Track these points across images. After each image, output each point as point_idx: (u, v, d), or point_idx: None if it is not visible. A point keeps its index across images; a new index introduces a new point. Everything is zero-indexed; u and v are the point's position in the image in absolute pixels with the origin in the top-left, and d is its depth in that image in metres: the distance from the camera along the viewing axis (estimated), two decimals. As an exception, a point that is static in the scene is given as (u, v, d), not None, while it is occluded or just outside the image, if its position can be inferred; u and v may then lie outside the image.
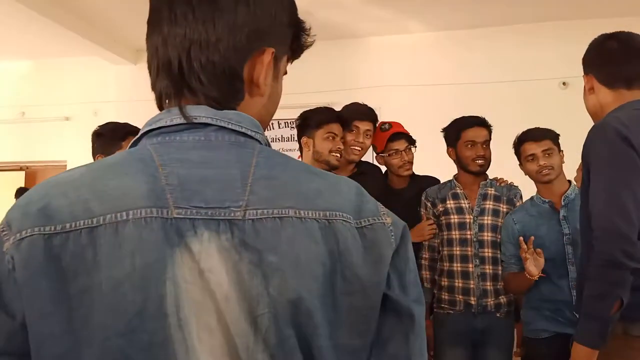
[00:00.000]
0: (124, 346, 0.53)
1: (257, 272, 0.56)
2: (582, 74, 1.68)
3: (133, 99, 5.40)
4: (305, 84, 5.16)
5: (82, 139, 4.98)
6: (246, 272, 0.55)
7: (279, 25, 0.67)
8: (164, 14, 0.63)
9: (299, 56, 0.74)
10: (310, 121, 2.37)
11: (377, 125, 2.57)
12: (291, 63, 0.74)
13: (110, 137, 2.11)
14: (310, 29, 0.72)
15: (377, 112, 2.56)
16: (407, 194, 2.59)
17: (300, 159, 2.46)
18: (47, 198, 0.57)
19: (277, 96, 0.71)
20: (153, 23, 0.65)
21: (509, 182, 2.52)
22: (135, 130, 2.13)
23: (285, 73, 0.72)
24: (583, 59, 1.67)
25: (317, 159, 2.29)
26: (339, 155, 2.31)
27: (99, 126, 2.20)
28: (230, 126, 0.62)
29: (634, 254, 1.38)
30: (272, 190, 0.59)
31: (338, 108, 2.54)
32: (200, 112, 0.62)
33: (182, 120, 0.61)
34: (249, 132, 0.63)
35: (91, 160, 2.72)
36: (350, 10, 4.52)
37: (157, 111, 0.66)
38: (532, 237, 2.13)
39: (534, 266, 2.10)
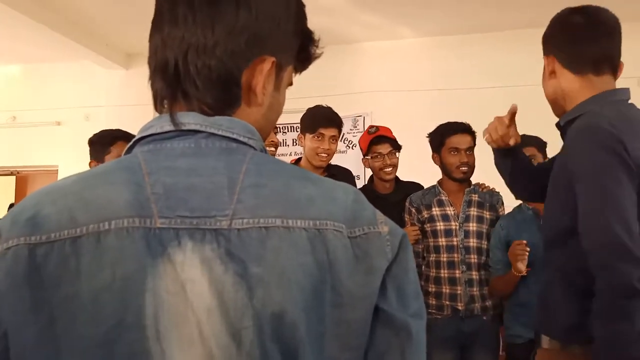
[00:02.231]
0: (103, 357, 0.53)
1: (242, 284, 0.54)
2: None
3: (124, 103, 5.41)
4: (295, 89, 5.16)
5: (74, 143, 5.00)
6: (231, 283, 0.54)
7: (283, 34, 0.65)
8: (165, 15, 0.62)
9: (307, 67, 0.72)
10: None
11: (340, 129, 2.57)
12: (299, 74, 0.72)
13: (99, 144, 2.14)
14: (319, 40, 0.71)
15: (368, 116, 2.56)
16: (392, 199, 2.60)
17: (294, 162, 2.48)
18: (38, 206, 0.57)
19: (279, 106, 0.70)
20: (156, 24, 0.64)
21: (490, 188, 2.55)
22: (124, 135, 2.14)
23: (291, 84, 0.71)
24: (543, 36, 1.42)
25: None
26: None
27: (93, 134, 2.24)
28: (220, 132, 0.60)
29: None
30: (260, 198, 0.57)
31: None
32: (190, 119, 0.61)
33: (172, 127, 0.60)
34: (240, 138, 0.61)
35: (82, 165, 2.73)
36: (341, 16, 4.54)
37: (148, 116, 0.66)
38: (525, 242, 2.15)
39: (523, 264, 2.14)
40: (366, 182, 2.79)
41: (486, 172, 2.62)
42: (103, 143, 2.13)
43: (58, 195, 0.57)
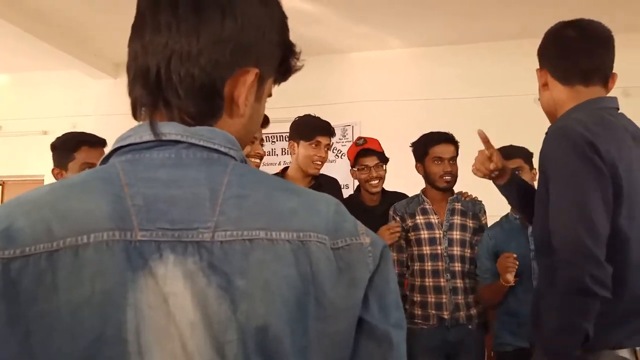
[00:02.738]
0: None
1: (225, 297, 0.53)
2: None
3: (113, 112, 5.37)
4: (284, 99, 5.17)
5: (60, 153, 4.96)
6: (214, 297, 0.53)
7: (267, 45, 0.65)
8: (148, 20, 0.61)
9: (287, 79, 0.72)
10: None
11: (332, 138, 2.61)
12: (278, 85, 0.72)
13: (62, 149, 1.97)
14: (300, 52, 0.70)
15: (357, 126, 2.57)
16: (378, 211, 2.61)
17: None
18: (10, 219, 0.54)
19: (259, 117, 0.69)
20: (137, 28, 0.63)
21: (473, 197, 2.56)
22: (88, 140, 1.99)
23: (270, 95, 0.70)
24: (538, 50, 1.47)
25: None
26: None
27: (55, 139, 2.06)
28: (201, 143, 0.59)
29: (606, 280, 1.17)
30: (243, 210, 0.57)
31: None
32: (170, 129, 0.60)
33: (152, 137, 0.59)
34: (222, 149, 0.60)
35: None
36: (329, 26, 4.57)
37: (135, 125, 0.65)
38: (514, 255, 2.16)
39: (512, 275, 2.15)
40: (353, 192, 2.80)
41: (468, 181, 2.66)
42: (66, 148, 1.96)
43: (31, 206, 0.55)
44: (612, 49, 1.38)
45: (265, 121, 2.07)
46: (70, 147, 1.95)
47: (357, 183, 2.69)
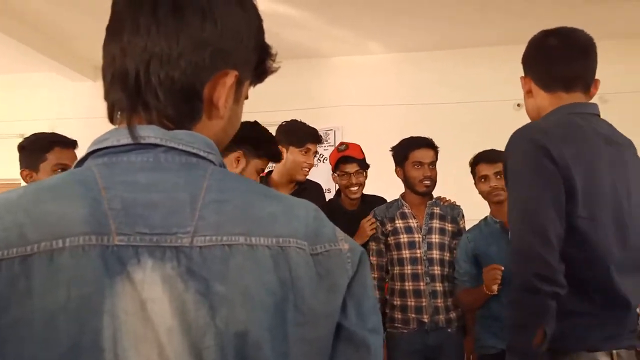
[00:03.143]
0: None
1: (204, 303, 0.53)
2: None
3: (92, 116, 5.31)
4: (266, 103, 5.17)
5: (38, 156, 4.88)
6: (192, 302, 0.53)
7: (244, 48, 0.65)
8: (126, 22, 0.60)
9: (262, 81, 0.72)
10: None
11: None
12: (253, 87, 0.72)
13: (32, 150, 1.88)
14: (276, 54, 0.70)
15: (339, 130, 2.56)
16: (358, 215, 2.64)
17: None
18: None
19: (237, 119, 0.69)
20: (113, 31, 0.62)
21: (452, 202, 2.59)
22: (61, 140, 1.91)
23: (247, 97, 0.71)
24: (522, 58, 1.50)
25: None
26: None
27: (23, 139, 1.96)
28: (180, 147, 0.59)
29: (551, 277, 1.22)
30: (223, 215, 0.56)
31: None
32: (149, 132, 0.59)
33: (130, 140, 0.58)
34: (201, 153, 0.60)
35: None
36: (312, 30, 4.58)
37: None
38: (502, 267, 2.17)
39: (497, 286, 2.16)
40: (334, 196, 2.83)
41: (447, 186, 2.69)
42: (37, 149, 1.87)
43: (4, 210, 0.54)
44: (593, 56, 1.41)
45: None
46: (41, 147, 1.87)
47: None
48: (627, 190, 1.34)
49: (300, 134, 2.46)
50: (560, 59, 1.40)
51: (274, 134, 2.52)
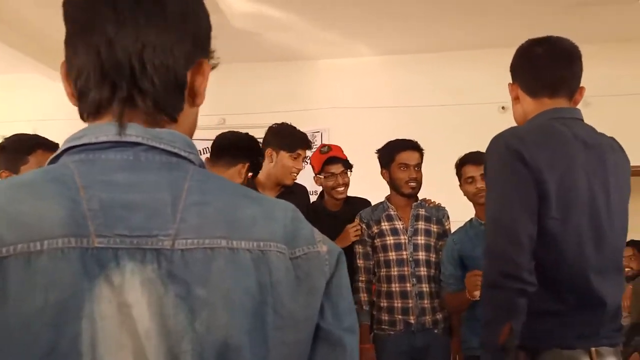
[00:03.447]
0: None
1: (183, 306, 0.52)
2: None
3: (74, 117, 5.23)
4: (253, 105, 5.17)
5: (20, 157, 4.81)
6: (171, 306, 0.52)
7: (209, 40, 0.68)
8: (107, 15, 0.58)
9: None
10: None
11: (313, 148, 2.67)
12: None
13: (14, 150, 1.82)
14: (214, 51, 0.71)
15: (325, 133, 2.55)
16: (342, 216, 2.66)
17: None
18: None
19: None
20: (87, 26, 0.60)
21: (436, 203, 2.60)
22: (46, 142, 1.88)
23: None
24: (510, 65, 1.56)
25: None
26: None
27: (4, 139, 1.91)
28: (161, 146, 0.58)
29: (516, 274, 1.26)
30: (205, 217, 0.56)
31: None
32: (130, 130, 0.57)
33: (108, 138, 0.57)
34: (182, 153, 0.59)
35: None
36: (299, 32, 4.57)
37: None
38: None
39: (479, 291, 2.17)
40: (317, 199, 2.84)
41: (432, 188, 2.70)
42: (19, 150, 1.80)
43: None
44: (578, 63, 1.47)
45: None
46: (24, 149, 1.82)
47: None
48: (606, 193, 1.37)
49: (292, 139, 2.46)
50: (545, 66, 1.45)
51: (257, 136, 2.53)
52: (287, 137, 2.46)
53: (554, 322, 1.32)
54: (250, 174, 2.08)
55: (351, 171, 2.70)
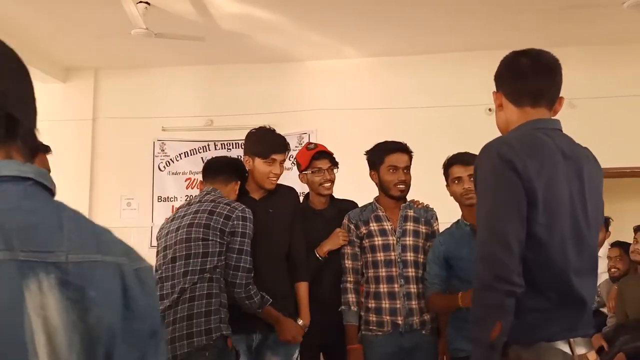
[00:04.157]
0: None
1: (76, 307, 0.67)
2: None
3: (62, 118, 5.22)
4: (241, 106, 5.17)
5: (6, 159, 4.76)
6: (69, 306, 0.67)
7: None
8: None
9: None
10: None
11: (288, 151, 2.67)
12: None
13: None
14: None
15: (313, 134, 2.56)
16: (327, 214, 2.68)
17: None
18: None
19: None
20: None
21: (425, 204, 2.62)
22: (43, 146, 1.98)
23: None
24: (495, 75, 1.64)
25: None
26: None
27: None
28: (39, 179, 0.73)
29: (507, 277, 1.37)
30: (83, 237, 0.72)
31: (276, 131, 2.59)
32: (13, 166, 0.72)
33: (8, 173, 0.71)
34: (49, 185, 0.75)
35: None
36: (287, 34, 4.58)
37: (86, 131, 0.69)
38: None
39: None
40: (302, 200, 2.82)
41: (421, 190, 2.72)
42: None
43: None
44: (558, 74, 1.56)
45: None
46: None
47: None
48: (583, 201, 1.48)
49: (265, 145, 2.48)
50: (528, 76, 1.54)
51: (243, 136, 2.57)
52: (260, 144, 2.49)
53: (538, 318, 1.43)
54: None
55: (337, 169, 2.72)
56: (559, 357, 1.43)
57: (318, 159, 2.65)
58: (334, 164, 2.69)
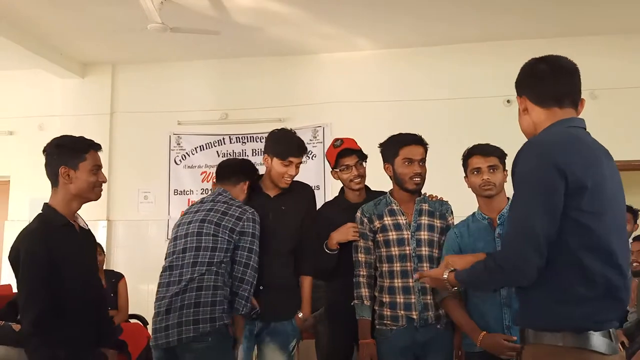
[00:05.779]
0: None
1: None
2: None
3: (80, 113, 5.28)
4: (255, 100, 5.17)
5: (26, 153, 4.85)
6: None
7: None
8: None
9: None
10: None
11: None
12: None
13: (72, 149, 2.08)
14: None
15: (327, 127, 2.58)
16: None
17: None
18: None
19: None
20: None
21: (439, 198, 2.60)
22: (96, 144, 2.14)
23: None
24: (516, 81, 1.70)
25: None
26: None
27: (56, 138, 2.14)
28: None
29: (523, 268, 1.46)
30: None
31: (288, 124, 2.66)
32: None
33: None
34: None
35: (35, 175, 2.67)
36: (300, 27, 4.57)
37: (104, 125, 0.64)
38: None
39: None
40: (338, 194, 2.87)
41: (436, 183, 2.70)
42: (77, 149, 2.08)
43: None
44: (577, 77, 1.62)
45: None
46: (81, 148, 2.09)
47: (328, 184, 2.71)
48: (620, 194, 1.56)
49: (284, 148, 2.59)
50: (550, 80, 1.61)
51: (259, 130, 2.63)
52: (280, 146, 2.61)
53: (589, 307, 1.46)
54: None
55: (366, 162, 2.73)
56: (604, 347, 1.46)
57: (344, 156, 2.68)
58: (362, 158, 2.72)
